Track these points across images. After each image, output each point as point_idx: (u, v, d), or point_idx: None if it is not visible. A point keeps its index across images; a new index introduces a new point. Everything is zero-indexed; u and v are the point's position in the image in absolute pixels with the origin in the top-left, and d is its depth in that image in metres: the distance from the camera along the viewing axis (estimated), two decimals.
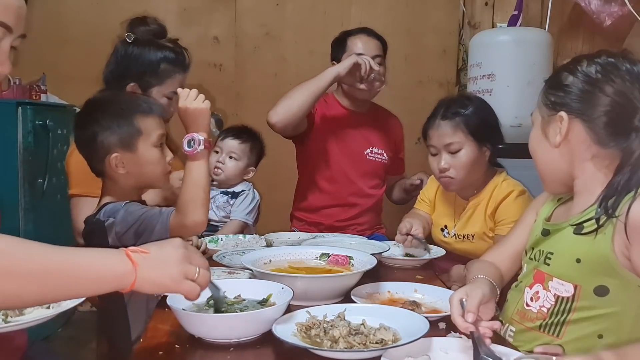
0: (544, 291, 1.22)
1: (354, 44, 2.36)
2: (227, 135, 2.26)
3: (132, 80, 1.87)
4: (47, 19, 3.15)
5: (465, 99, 1.86)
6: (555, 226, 1.25)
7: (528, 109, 2.61)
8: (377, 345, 1.01)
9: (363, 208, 2.44)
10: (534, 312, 1.23)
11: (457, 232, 1.87)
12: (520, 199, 1.77)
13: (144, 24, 1.93)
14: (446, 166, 1.78)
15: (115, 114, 1.46)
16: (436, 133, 1.79)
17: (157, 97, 1.89)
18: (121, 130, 1.44)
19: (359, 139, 2.43)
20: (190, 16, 3.26)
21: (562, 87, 1.22)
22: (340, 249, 1.57)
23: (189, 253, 0.98)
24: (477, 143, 1.77)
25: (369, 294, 1.37)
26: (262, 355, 1.08)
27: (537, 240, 1.30)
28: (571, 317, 1.16)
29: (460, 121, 1.76)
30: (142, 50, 1.88)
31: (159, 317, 1.26)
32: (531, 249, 1.31)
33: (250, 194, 2.22)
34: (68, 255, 0.89)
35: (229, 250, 1.79)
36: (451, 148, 1.77)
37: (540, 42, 2.65)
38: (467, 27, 3.39)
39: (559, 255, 1.21)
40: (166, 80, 1.89)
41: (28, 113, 2.40)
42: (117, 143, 1.44)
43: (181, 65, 1.92)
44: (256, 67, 3.35)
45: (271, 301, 1.21)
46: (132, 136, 1.44)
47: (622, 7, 2.24)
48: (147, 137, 1.46)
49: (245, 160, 2.22)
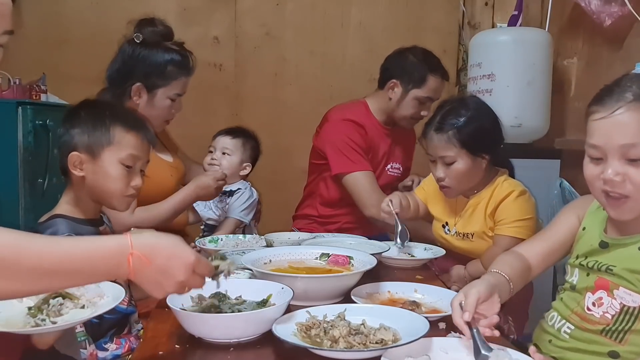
0: (609, 298, 1.21)
1: (433, 84, 2.27)
2: (219, 133, 2.27)
3: (138, 80, 1.88)
4: (47, 19, 3.15)
5: (462, 107, 1.78)
6: (616, 241, 1.24)
7: (528, 109, 2.65)
8: (377, 345, 1.01)
9: None
10: (596, 317, 1.23)
11: (458, 230, 1.87)
12: (521, 199, 1.77)
13: (152, 25, 1.94)
14: (442, 176, 1.79)
15: (95, 115, 1.43)
16: (431, 144, 1.79)
17: (161, 98, 1.91)
18: (92, 133, 1.41)
19: (384, 155, 2.41)
20: (190, 16, 3.26)
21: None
22: (340, 249, 1.57)
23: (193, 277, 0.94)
24: (472, 154, 1.75)
25: (369, 294, 1.37)
26: (262, 355, 1.08)
27: (592, 250, 1.29)
28: (636, 327, 1.17)
29: (453, 135, 1.73)
30: (150, 51, 1.89)
31: (159, 317, 1.26)
32: (584, 257, 1.30)
33: (247, 192, 2.22)
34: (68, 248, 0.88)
35: (229, 250, 1.79)
36: (445, 160, 1.77)
37: (540, 42, 2.65)
38: (467, 27, 3.39)
39: (623, 270, 1.20)
40: (172, 82, 1.91)
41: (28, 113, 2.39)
42: (83, 144, 1.40)
43: (187, 69, 1.94)
44: (256, 67, 3.34)
45: (271, 301, 1.21)
46: (99, 143, 1.40)
47: (622, 7, 2.24)
48: (116, 150, 1.41)
49: (238, 155, 2.22)
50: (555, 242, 1.39)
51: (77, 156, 1.40)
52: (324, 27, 3.37)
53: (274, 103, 3.35)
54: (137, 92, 1.90)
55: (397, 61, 2.33)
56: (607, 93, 1.15)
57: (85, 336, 1.36)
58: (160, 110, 1.94)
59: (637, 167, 1.11)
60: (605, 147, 1.13)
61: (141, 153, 1.45)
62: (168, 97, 1.92)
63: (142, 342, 1.15)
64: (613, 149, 1.12)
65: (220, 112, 3.14)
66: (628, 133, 1.10)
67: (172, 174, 2.03)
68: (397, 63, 2.32)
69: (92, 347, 1.36)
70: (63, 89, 2.74)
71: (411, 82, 2.27)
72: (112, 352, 1.41)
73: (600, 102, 1.15)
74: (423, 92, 2.26)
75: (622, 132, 1.11)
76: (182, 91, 1.96)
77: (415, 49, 2.33)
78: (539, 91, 2.65)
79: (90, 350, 1.36)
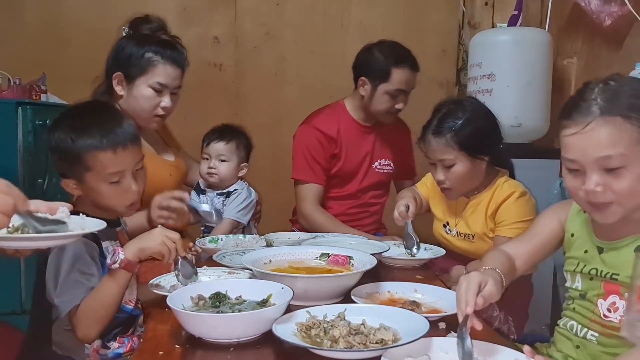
0: (622, 301, 1.21)
1: (399, 77, 2.27)
2: (210, 139, 2.21)
3: (119, 70, 1.87)
4: (47, 19, 3.15)
5: (459, 108, 1.77)
6: (609, 245, 1.25)
7: (528, 109, 2.64)
8: (377, 345, 1.01)
9: (365, 214, 2.47)
10: (616, 322, 1.22)
11: (459, 230, 1.87)
12: (521, 200, 1.77)
13: (147, 22, 1.94)
14: (442, 178, 1.79)
15: (64, 142, 1.37)
16: (429, 148, 1.79)
17: (142, 87, 1.86)
18: (67, 162, 1.39)
19: (368, 153, 2.42)
20: (190, 16, 3.26)
21: None
22: (340, 249, 1.57)
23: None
24: (471, 156, 1.75)
25: (369, 294, 1.37)
26: (262, 355, 1.08)
27: (588, 257, 1.30)
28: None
29: (451, 138, 1.73)
30: (129, 41, 1.89)
31: (159, 317, 1.26)
32: (583, 264, 1.30)
33: (244, 193, 2.21)
34: None
35: (229, 250, 1.79)
36: (445, 163, 1.77)
37: (540, 42, 2.65)
38: (467, 27, 3.39)
39: (627, 277, 1.18)
40: (149, 69, 1.85)
41: (28, 113, 2.40)
42: (66, 171, 1.40)
43: (167, 56, 1.87)
44: (256, 67, 3.34)
45: (271, 301, 1.21)
46: (79, 171, 1.38)
47: (622, 7, 2.24)
48: (96, 173, 1.37)
49: (235, 159, 2.21)
50: (538, 244, 1.42)
51: (67, 182, 1.40)
52: (324, 27, 3.37)
53: (274, 103, 3.35)
54: (118, 82, 1.88)
55: (364, 58, 2.35)
56: (575, 107, 1.16)
57: None
58: (142, 101, 1.86)
59: (616, 176, 1.13)
60: (582, 160, 1.15)
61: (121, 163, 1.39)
62: (149, 86, 1.86)
63: (142, 342, 1.15)
64: (590, 162, 1.14)
65: (220, 112, 3.13)
66: (602, 146, 1.12)
67: (171, 174, 2.02)
68: (364, 60, 2.34)
69: (96, 343, 1.37)
70: (63, 89, 2.74)
71: (377, 77, 2.28)
72: (114, 350, 1.42)
73: (569, 117, 1.16)
74: (391, 86, 2.27)
75: (596, 147, 1.13)
76: (166, 81, 1.87)
77: (382, 44, 2.34)
78: (539, 91, 2.65)
79: (94, 346, 1.37)
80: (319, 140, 2.35)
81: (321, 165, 2.36)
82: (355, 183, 2.42)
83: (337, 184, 2.43)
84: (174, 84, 1.90)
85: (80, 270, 1.34)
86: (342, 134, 2.37)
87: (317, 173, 2.36)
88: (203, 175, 2.21)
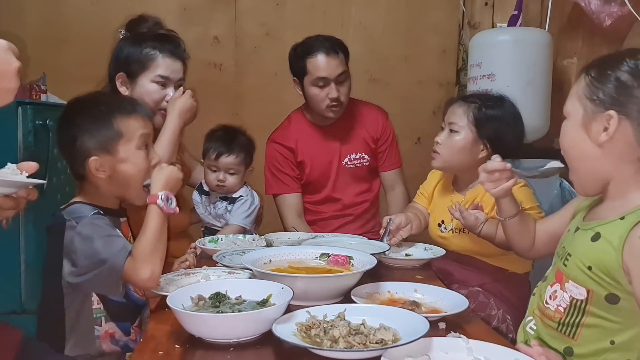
0: (561, 291, 1.22)
1: (315, 67, 2.23)
2: (218, 151, 2.17)
3: (121, 70, 1.87)
4: (47, 19, 3.15)
5: (496, 98, 1.87)
6: (584, 226, 1.23)
7: (528, 109, 2.63)
8: (377, 345, 1.01)
9: (354, 215, 2.45)
10: (552, 311, 1.23)
11: (454, 225, 1.88)
12: (525, 189, 1.79)
13: (143, 22, 1.95)
14: (439, 141, 1.84)
15: (93, 115, 1.42)
16: (450, 109, 1.86)
17: (145, 83, 1.86)
18: (100, 133, 1.40)
19: (335, 151, 2.39)
20: (190, 16, 3.26)
21: (613, 83, 1.13)
22: (340, 249, 1.57)
23: None
24: (477, 136, 1.79)
25: (369, 294, 1.37)
26: (262, 355, 1.08)
27: (567, 237, 1.30)
28: (585, 321, 1.16)
29: (472, 109, 1.80)
30: (127, 41, 1.89)
31: (159, 317, 1.26)
32: (562, 245, 1.30)
33: (249, 199, 2.21)
34: None
35: (229, 250, 1.79)
36: (452, 127, 1.82)
37: (540, 42, 2.65)
38: (467, 27, 3.39)
39: (575, 257, 1.20)
40: (149, 63, 1.85)
41: (28, 113, 2.39)
42: (96, 146, 1.40)
43: (166, 49, 1.87)
44: (256, 67, 3.34)
45: (271, 301, 1.21)
46: (111, 139, 1.41)
47: (622, 7, 2.24)
48: (128, 139, 1.42)
49: (243, 170, 2.21)
50: (555, 226, 1.44)
51: (95, 160, 1.40)
52: (324, 27, 3.34)
53: (274, 103, 3.34)
54: (122, 83, 1.88)
55: (288, 60, 2.36)
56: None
57: (102, 313, 1.39)
58: (147, 96, 1.85)
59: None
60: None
61: (147, 129, 1.47)
62: (152, 81, 1.85)
63: (142, 342, 1.15)
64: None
65: (220, 112, 3.13)
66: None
67: None
68: (289, 62, 2.36)
69: (108, 325, 1.39)
70: (63, 89, 2.74)
71: (299, 74, 2.30)
72: (129, 339, 1.43)
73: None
74: (311, 77, 2.25)
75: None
76: (168, 73, 1.86)
77: (302, 41, 2.33)
78: (539, 91, 2.65)
79: (105, 328, 1.39)
80: (279, 152, 2.38)
81: (290, 175, 2.39)
82: (330, 184, 2.41)
83: (313, 189, 2.43)
84: (176, 76, 1.89)
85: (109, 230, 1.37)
86: (301, 141, 2.38)
87: (287, 183, 2.39)
88: (211, 186, 2.21)
